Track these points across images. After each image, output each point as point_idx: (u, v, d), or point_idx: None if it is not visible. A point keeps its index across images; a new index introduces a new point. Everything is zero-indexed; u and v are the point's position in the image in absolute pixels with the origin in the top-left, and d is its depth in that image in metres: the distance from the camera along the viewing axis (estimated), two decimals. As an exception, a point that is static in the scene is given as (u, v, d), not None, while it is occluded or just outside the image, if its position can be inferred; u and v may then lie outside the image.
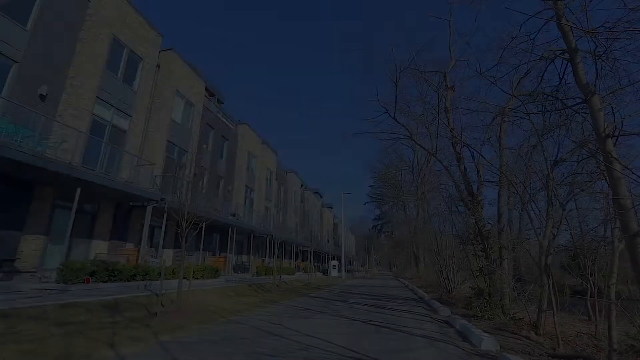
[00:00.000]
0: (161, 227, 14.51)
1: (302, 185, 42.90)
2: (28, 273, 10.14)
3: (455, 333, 6.74)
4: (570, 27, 5.72)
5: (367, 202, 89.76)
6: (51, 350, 4.28)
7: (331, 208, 63.09)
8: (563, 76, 7.16)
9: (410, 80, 12.73)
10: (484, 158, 9.46)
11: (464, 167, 10.51)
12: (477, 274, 10.05)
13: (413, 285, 22.16)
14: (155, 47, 16.25)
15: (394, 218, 64.59)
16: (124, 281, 9.92)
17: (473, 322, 7.68)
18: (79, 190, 10.19)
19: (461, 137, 9.97)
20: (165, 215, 13.87)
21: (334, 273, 34.89)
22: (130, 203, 13.86)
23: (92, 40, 12.74)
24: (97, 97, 12.86)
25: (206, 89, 21.42)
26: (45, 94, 11.24)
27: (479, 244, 9.87)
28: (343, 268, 36.13)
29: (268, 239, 26.27)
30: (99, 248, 12.82)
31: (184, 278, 8.47)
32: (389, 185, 46.71)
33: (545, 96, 7.53)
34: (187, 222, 8.08)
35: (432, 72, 11.72)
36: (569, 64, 6.35)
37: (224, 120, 24.12)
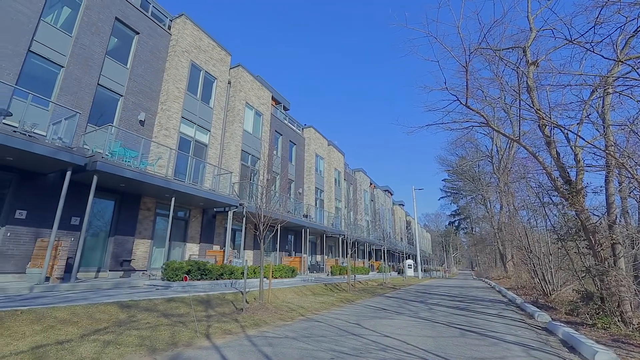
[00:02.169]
0: (241, 230, 15.78)
1: (371, 184, 42.40)
2: (140, 271, 12.01)
3: (558, 342, 5.88)
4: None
5: (442, 198, 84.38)
6: (162, 337, 4.97)
7: (402, 205, 61.01)
8: (691, 27, 5.71)
9: (482, 62, 11.59)
10: (583, 139, 8.06)
11: (557, 151, 9.11)
12: (583, 274, 8.64)
13: (500, 286, 20.05)
14: (225, 65, 17.83)
15: (473, 213, 59.65)
16: (213, 279, 11.02)
17: (581, 330, 6.60)
18: (173, 199, 11.70)
19: (550, 117, 8.66)
20: (244, 219, 15.06)
21: (409, 272, 33.60)
22: (214, 209, 15.40)
23: (175, 68, 14.55)
24: (182, 117, 14.62)
25: (272, 98, 22.68)
26: (143, 120, 13.21)
27: (583, 239, 8.45)
28: (419, 267, 34.55)
29: (340, 239, 26.57)
30: (191, 250, 14.52)
31: (264, 277, 9.04)
32: (465, 178, 43.26)
33: (665, 56, 6.10)
34: (263, 224, 8.62)
35: (508, 49, 10.44)
36: (700, 10, 5.04)
37: (291, 125, 25.21)
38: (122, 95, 12.67)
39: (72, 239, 9.74)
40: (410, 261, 35.11)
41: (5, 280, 8.55)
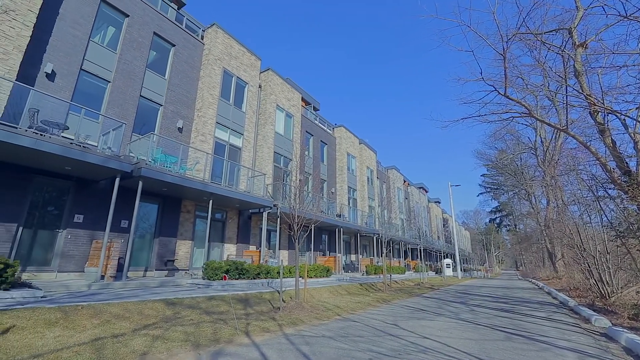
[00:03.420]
0: (276, 231, 16.11)
1: (404, 181, 41.43)
2: (183, 271, 12.66)
3: (620, 350, 5.36)
4: None
5: (481, 194, 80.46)
6: (205, 333, 5.21)
7: (439, 203, 58.96)
8: None
9: (521, 48, 10.85)
10: (644, 125, 7.28)
11: (612, 140, 8.31)
12: (648, 274, 7.78)
13: (550, 287, 18.68)
14: (255, 70, 18.29)
15: (516, 209, 56.23)
16: (250, 279, 11.35)
17: (648, 336, 5.96)
18: (211, 202, 12.21)
19: (603, 103, 7.91)
20: (278, 219, 15.35)
21: (448, 272, 32.32)
22: (250, 210, 15.85)
23: (209, 76, 15.17)
24: (216, 122, 15.22)
25: (302, 99, 22.91)
26: (181, 127, 13.92)
27: (647, 236, 7.63)
28: (458, 267, 33.16)
29: (374, 238, 26.22)
30: (229, 250, 15.06)
31: (300, 276, 9.15)
32: (506, 172, 40.84)
33: None
34: (297, 224, 8.73)
35: (551, 32, 9.69)
36: None
37: (321, 125, 25.31)
38: (161, 105, 13.46)
39: (122, 240, 10.50)
40: (448, 260, 33.80)
41: (68, 278, 9.43)
